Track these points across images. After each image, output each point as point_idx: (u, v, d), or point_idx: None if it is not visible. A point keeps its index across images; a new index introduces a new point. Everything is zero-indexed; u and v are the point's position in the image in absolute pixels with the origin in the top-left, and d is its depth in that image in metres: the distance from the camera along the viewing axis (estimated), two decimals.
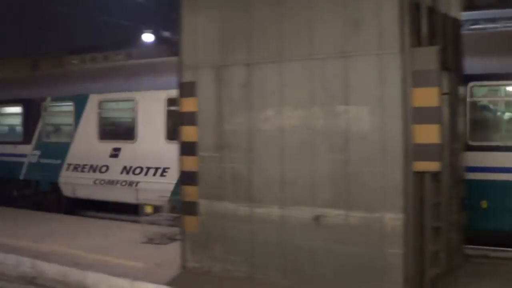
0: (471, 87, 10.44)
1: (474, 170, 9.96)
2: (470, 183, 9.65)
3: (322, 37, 7.94)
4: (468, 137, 10.30)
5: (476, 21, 15.05)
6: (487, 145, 10.49)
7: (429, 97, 7.35)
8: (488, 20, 15.34)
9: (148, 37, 43.04)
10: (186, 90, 9.03)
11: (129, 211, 14.73)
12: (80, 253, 10.47)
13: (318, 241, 7.98)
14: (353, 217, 7.71)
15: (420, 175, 7.64)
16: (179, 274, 9.00)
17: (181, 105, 9.13)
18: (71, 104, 16.49)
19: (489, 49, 10.85)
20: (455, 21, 9.13)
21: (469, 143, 10.24)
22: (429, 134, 7.36)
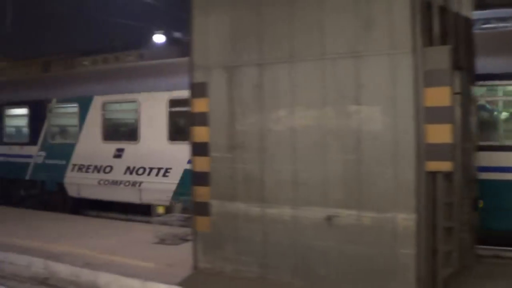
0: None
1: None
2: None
3: (333, 37, 7.93)
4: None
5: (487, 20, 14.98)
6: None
7: (441, 96, 7.33)
8: (499, 19, 15.27)
9: (159, 38, 43.16)
10: (197, 90, 9.03)
11: (141, 212, 14.83)
12: (92, 254, 10.52)
13: (330, 242, 7.98)
14: (365, 217, 7.70)
15: (432, 175, 7.62)
16: (190, 274, 9.00)
17: (192, 106, 9.12)
18: (75, 105, 16.72)
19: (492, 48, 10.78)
20: (467, 20, 9.11)
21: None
22: (441, 134, 7.33)
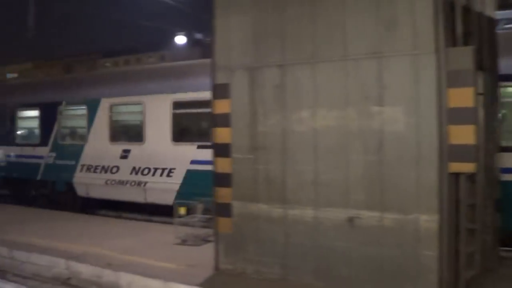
0: None
1: None
2: None
3: (355, 38, 7.91)
4: None
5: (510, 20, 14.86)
6: None
7: (464, 97, 7.29)
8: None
9: (180, 39, 43.39)
10: (219, 91, 9.05)
11: (163, 212, 14.94)
12: (113, 254, 10.57)
13: (351, 243, 7.96)
14: (387, 218, 7.67)
15: (455, 176, 7.58)
16: (212, 275, 9.01)
17: (214, 107, 9.14)
18: (84, 107, 17.17)
19: None
20: (490, 20, 9.03)
21: None
22: (464, 134, 7.29)
